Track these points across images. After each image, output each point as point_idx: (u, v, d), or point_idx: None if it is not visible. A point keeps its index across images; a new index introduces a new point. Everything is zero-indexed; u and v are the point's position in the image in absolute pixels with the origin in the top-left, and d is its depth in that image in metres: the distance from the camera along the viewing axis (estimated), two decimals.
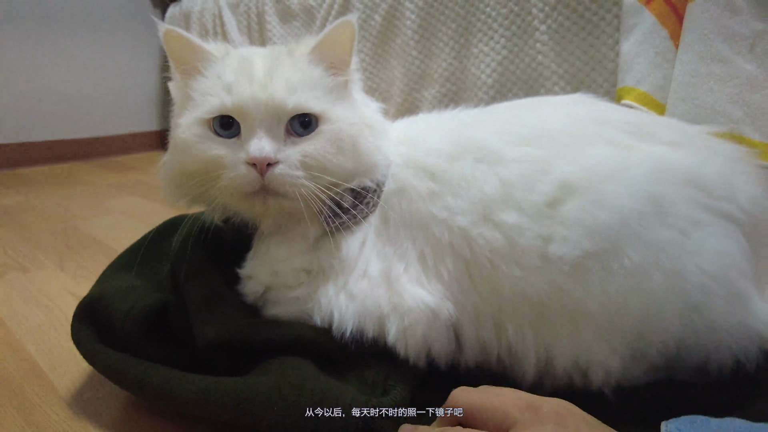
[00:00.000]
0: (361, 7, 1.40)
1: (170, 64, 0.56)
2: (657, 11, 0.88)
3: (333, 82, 0.54)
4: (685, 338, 0.46)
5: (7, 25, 1.94)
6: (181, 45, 0.53)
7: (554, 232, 0.47)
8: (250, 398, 0.45)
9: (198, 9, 1.95)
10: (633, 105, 0.89)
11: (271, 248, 0.56)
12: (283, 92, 0.50)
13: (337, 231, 0.54)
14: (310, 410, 0.44)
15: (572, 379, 0.49)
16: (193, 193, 0.55)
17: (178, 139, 0.53)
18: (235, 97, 0.49)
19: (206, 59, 0.53)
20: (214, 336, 0.52)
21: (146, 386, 0.49)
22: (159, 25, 0.53)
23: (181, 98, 0.55)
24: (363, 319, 0.51)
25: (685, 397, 0.47)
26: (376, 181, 0.55)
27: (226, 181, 0.50)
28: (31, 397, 0.57)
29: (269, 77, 0.50)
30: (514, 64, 1.15)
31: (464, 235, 0.50)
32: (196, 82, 0.53)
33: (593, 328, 0.47)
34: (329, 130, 0.52)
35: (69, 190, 1.65)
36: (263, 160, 0.48)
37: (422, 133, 0.59)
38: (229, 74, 0.51)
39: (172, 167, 0.56)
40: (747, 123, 0.78)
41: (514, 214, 0.48)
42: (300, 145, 0.51)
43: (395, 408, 0.45)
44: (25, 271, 0.94)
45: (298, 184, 0.50)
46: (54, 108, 2.12)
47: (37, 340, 0.69)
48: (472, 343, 0.51)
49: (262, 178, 0.49)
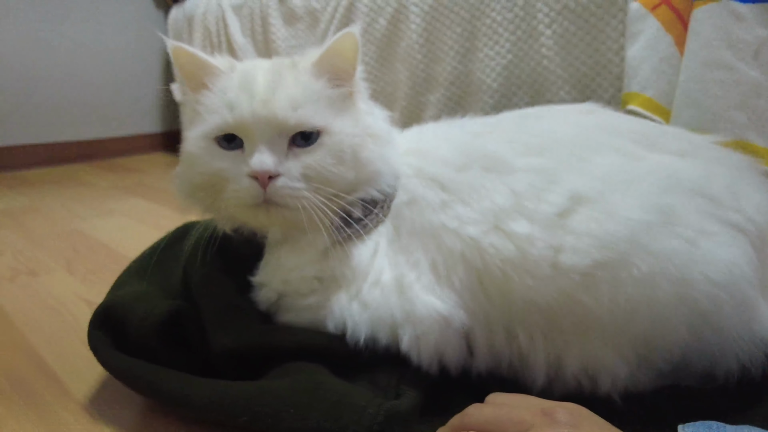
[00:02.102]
0: (366, 11, 1.41)
1: (178, 78, 0.57)
2: (662, 17, 0.89)
3: (336, 93, 0.54)
4: (692, 345, 0.47)
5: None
6: (189, 61, 0.55)
7: (564, 242, 0.48)
8: (264, 401, 0.46)
9: (201, 11, 1.95)
10: (638, 110, 0.90)
11: (282, 257, 0.57)
12: (285, 109, 0.50)
13: (346, 240, 0.54)
14: (324, 412, 0.44)
15: (581, 384, 0.50)
16: (203, 203, 0.57)
17: (187, 152, 0.55)
18: (236, 114, 0.51)
19: (213, 74, 0.54)
20: (229, 342, 0.52)
21: (161, 391, 0.49)
22: (167, 42, 0.54)
23: (191, 112, 0.57)
24: (376, 327, 0.52)
25: (691, 402, 0.48)
26: (383, 191, 0.56)
27: (230, 193, 0.52)
28: (49, 402, 0.57)
29: (271, 92, 0.51)
30: (519, 69, 1.15)
31: (475, 245, 0.50)
32: (204, 96, 0.54)
33: (602, 336, 0.48)
34: (330, 142, 0.52)
35: (72, 192, 1.65)
36: (264, 173, 0.49)
37: (431, 143, 0.60)
38: (232, 91, 0.52)
39: (183, 178, 0.57)
40: (751, 129, 0.79)
41: (525, 224, 0.49)
42: (301, 157, 0.52)
43: (409, 411, 0.46)
44: (35, 275, 0.95)
45: (300, 195, 0.51)
46: (55, 110, 2.12)
47: (50, 345, 0.70)
48: (484, 350, 0.52)
49: (264, 191, 0.50)
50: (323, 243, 0.55)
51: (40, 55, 2.05)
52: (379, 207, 0.56)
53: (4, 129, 2.00)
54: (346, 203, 0.54)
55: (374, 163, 0.55)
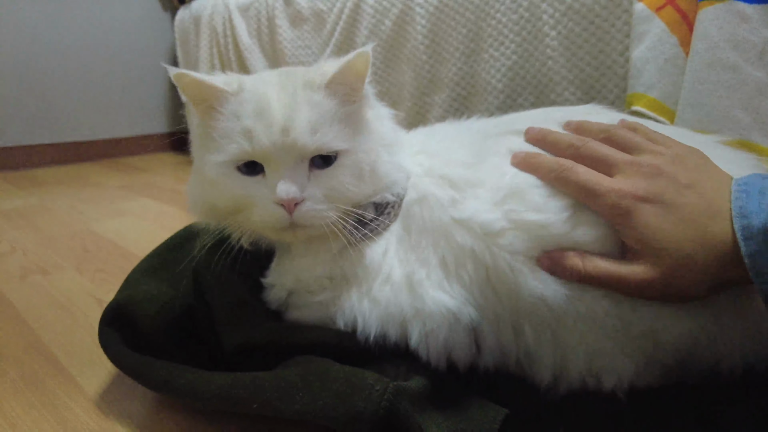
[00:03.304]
0: (371, 12, 1.42)
1: (185, 101, 0.57)
2: (667, 18, 0.89)
3: (349, 110, 0.54)
4: (698, 341, 0.47)
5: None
6: (193, 86, 0.54)
7: (572, 236, 0.48)
8: (275, 387, 0.46)
9: (208, 12, 1.97)
10: (643, 111, 0.90)
11: (295, 259, 0.58)
12: (305, 135, 0.51)
13: (359, 241, 0.55)
14: (334, 393, 0.45)
15: (586, 382, 0.50)
16: (224, 220, 0.57)
17: (207, 176, 0.55)
18: (256, 144, 0.51)
19: (220, 97, 0.53)
20: (240, 340, 0.53)
21: (172, 385, 0.50)
22: (170, 70, 0.53)
23: (203, 134, 0.56)
24: (386, 324, 0.53)
25: (696, 398, 0.49)
26: (396, 194, 0.57)
27: (256, 218, 0.53)
28: (61, 398, 0.59)
29: (289, 119, 0.51)
30: (524, 69, 1.16)
31: (485, 238, 0.51)
32: (215, 120, 0.53)
33: (606, 332, 0.48)
34: (349, 162, 0.53)
35: (81, 191, 1.67)
36: (290, 201, 0.50)
37: (441, 144, 0.61)
38: (247, 118, 0.51)
39: (202, 197, 0.57)
40: (756, 129, 0.79)
41: (535, 217, 0.50)
42: (322, 179, 0.52)
43: (417, 390, 0.47)
44: (46, 273, 0.96)
45: (324, 216, 0.52)
46: (63, 109, 2.14)
47: (62, 342, 0.71)
48: (492, 346, 0.52)
49: (290, 216, 0.51)
50: (337, 245, 0.56)
51: (48, 55, 2.07)
52: (390, 207, 0.57)
53: (15, 129, 2.03)
54: (362, 206, 0.55)
55: (390, 175, 0.56)
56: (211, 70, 2.01)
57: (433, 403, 0.47)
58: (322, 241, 0.55)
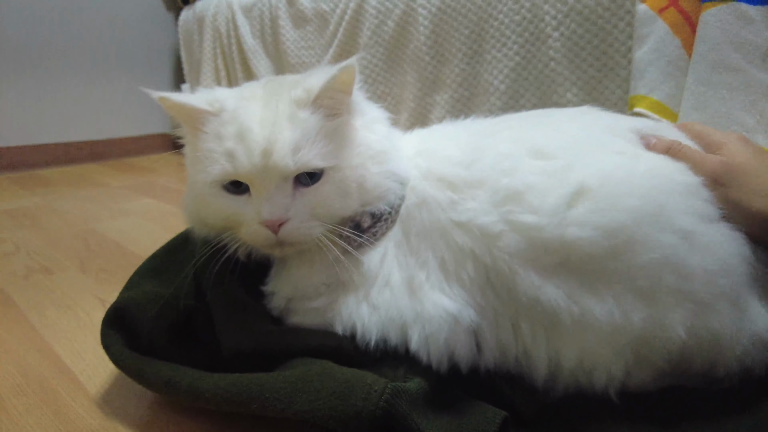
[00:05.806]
0: (374, 13, 1.42)
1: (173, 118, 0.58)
2: (670, 20, 0.89)
3: (335, 124, 0.54)
4: (690, 342, 0.47)
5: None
6: (175, 108, 0.55)
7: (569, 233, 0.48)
8: (275, 388, 0.47)
9: (211, 13, 1.97)
10: (645, 113, 0.90)
11: (292, 268, 0.58)
12: (287, 158, 0.50)
13: (356, 249, 0.55)
14: (333, 392, 0.45)
15: (578, 380, 0.50)
16: (219, 235, 0.58)
17: (196, 192, 0.56)
18: (237, 166, 0.51)
19: (202, 118, 0.54)
20: (240, 344, 0.54)
21: (174, 386, 0.51)
22: (152, 94, 0.54)
23: (190, 153, 0.57)
24: (386, 329, 0.53)
25: (692, 401, 0.48)
26: (390, 203, 0.57)
27: (244, 235, 0.54)
28: (63, 397, 0.59)
29: (271, 142, 0.50)
30: (526, 71, 1.16)
31: (484, 240, 0.51)
32: (200, 141, 0.54)
33: (597, 331, 0.48)
34: (335, 178, 0.53)
35: (85, 191, 1.68)
36: (274, 222, 0.51)
37: (439, 144, 0.60)
38: (228, 140, 0.52)
39: (196, 212, 0.59)
40: (760, 131, 0.79)
41: (533, 217, 0.50)
42: (308, 197, 0.53)
43: (415, 391, 0.47)
44: (49, 273, 0.97)
45: (311, 233, 0.53)
46: (68, 109, 2.15)
47: (65, 341, 0.71)
48: (492, 346, 0.52)
49: (276, 235, 0.52)
50: (333, 254, 0.55)
51: (52, 54, 2.08)
52: (387, 213, 0.57)
53: (19, 129, 2.04)
54: (356, 216, 0.56)
55: (380, 186, 0.56)
56: (215, 69, 2.02)
57: (431, 405, 0.47)
58: (316, 250, 0.56)
